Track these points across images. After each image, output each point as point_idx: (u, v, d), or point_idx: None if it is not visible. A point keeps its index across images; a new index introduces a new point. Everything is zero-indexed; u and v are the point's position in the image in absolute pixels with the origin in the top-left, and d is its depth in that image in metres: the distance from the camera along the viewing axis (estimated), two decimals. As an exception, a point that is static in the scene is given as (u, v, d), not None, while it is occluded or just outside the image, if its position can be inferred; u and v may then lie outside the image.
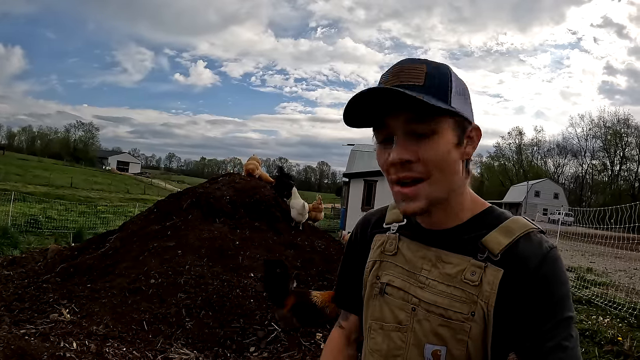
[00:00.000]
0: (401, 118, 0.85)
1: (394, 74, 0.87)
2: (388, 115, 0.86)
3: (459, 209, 0.93)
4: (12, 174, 35.53)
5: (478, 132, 0.93)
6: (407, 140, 0.85)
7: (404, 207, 0.88)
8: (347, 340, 1.17)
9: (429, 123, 0.84)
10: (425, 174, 0.85)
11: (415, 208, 0.87)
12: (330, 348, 1.19)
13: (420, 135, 0.85)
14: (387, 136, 0.88)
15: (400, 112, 0.84)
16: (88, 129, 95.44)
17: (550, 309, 0.82)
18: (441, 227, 0.94)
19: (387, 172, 0.89)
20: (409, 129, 0.85)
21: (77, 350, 3.30)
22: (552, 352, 0.79)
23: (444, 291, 0.88)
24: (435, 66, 0.87)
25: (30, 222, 13.62)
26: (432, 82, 0.84)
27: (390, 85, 0.84)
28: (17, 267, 6.05)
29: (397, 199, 0.90)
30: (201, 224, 5.80)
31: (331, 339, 1.20)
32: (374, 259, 1.03)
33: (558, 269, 0.85)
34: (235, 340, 3.93)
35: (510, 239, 0.87)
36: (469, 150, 0.91)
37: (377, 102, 0.84)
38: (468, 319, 0.85)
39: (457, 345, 0.85)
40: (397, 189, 0.88)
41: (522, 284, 0.83)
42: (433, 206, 0.88)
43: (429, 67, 0.86)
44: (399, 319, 0.94)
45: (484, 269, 0.86)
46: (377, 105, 0.85)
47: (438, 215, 0.92)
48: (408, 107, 0.83)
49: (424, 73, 0.85)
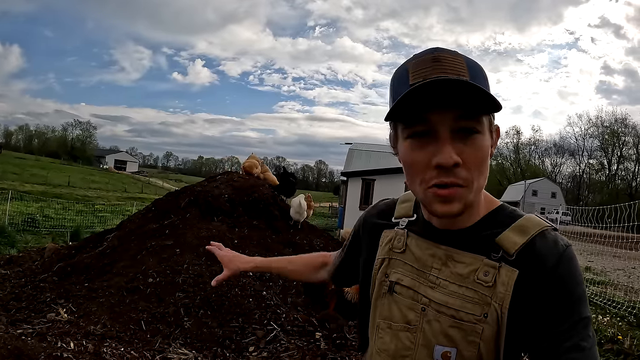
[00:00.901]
0: (450, 114, 0.77)
1: (432, 62, 0.79)
2: (433, 110, 0.78)
3: (476, 208, 0.89)
4: (9, 172, 35.38)
5: (498, 132, 0.89)
6: (454, 139, 0.79)
7: (441, 209, 0.82)
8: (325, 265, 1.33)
9: (477, 121, 0.80)
10: (467, 181, 0.80)
11: (454, 210, 0.81)
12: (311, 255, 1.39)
13: (468, 134, 0.79)
14: (422, 132, 0.80)
15: (451, 106, 0.77)
16: (85, 127, 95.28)
17: (567, 309, 0.79)
18: (456, 227, 0.89)
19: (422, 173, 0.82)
20: (458, 126, 0.78)
21: (74, 351, 3.26)
22: (569, 353, 0.77)
23: (456, 292, 0.85)
24: (469, 59, 0.82)
25: (28, 221, 13.57)
26: (475, 75, 0.78)
27: (433, 77, 0.76)
28: (14, 266, 6.02)
29: (432, 200, 0.82)
30: (199, 223, 5.77)
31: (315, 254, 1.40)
32: (382, 256, 1.00)
33: (574, 268, 0.82)
34: (234, 339, 3.90)
35: (525, 237, 0.83)
36: (492, 152, 0.87)
37: (420, 94, 0.76)
38: (480, 321, 0.82)
39: (468, 347, 0.83)
40: (433, 190, 0.80)
41: (539, 283, 0.81)
42: (466, 209, 0.83)
43: (465, 58, 0.81)
44: (408, 319, 0.91)
45: (498, 269, 0.82)
46: (419, 99, 0.77)
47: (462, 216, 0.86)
48: (459, 102, 0.76)
49: (465, 65, 0.79)
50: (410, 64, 0.82)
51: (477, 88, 0.74)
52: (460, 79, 0.75)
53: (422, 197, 0.86)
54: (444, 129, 0.78)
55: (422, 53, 0.83)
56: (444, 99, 0.76)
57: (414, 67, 0.81)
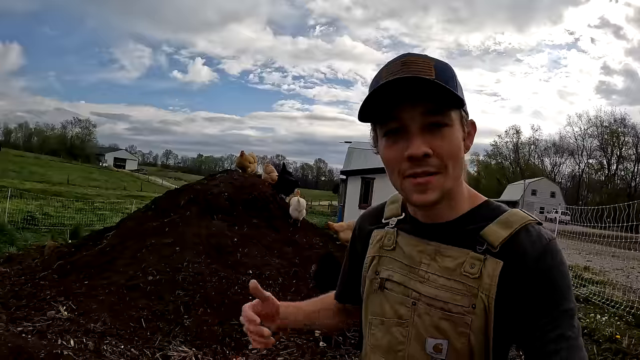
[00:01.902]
0: (418, 109, 0.83)
1: (401, 65, 0.84)
2: (400, 107, 0.84)
3: (458, 201, 0.93)
4: (9, 170, 35.35)
5: (474, 126, 0.95)
6: (424, 133, 0.84)
7: (417, 198, 0.86)
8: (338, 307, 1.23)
9: (445, 115, 0.84)
10: (440, 167, 0.84)
11: (430, 199, 0.85)
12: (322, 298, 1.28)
13: (437, 127, 0.84)
14: (396, 128, 0.86)
15: (418, 103, 0.82)
16: (85, 125, 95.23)
17: (551, 301, 0.82)
18: (440, 220, 0.93)
19: (398, 166, 0.87)
20: (427, 121, 0.84)
21: (74, 348, 3.28)
22: (555, 343, 0.80)
23: (445, 285, 0.88)
24: (440, 61, 0.87)
25: (27, 219, 13.55)
26: (441, 76, 0.82)
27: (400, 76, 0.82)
28: (13, 264, 6.03)
29: (409, 190, 0.87)
30: (199, 221, 5.77)
31: (327, 295, 1.28)
32: (372, 254, 1.03)
33: (558, 260, 0.85)
34: (234, 337, 3.92)
35: (509, 231, 0.86)
36: (468, 144, 0.92)
37: (388, 93, 0.82)
38: (469, 312, 0.84)
39: (459, 338, 0.85)
40: (409, 180, 0.86)
41: (523, 275, 0.83)
42: (443, 198, 0.87)
43: (434, 61, 0.85)
44: (400, 314, 0.93)
45: (484, 261, 0.85)
46: (388, 97, 0.83)
47: (441, 207, 0.90)
48: (426, 98, 0.81)
49: (433, 66, 0.83)
50: (384, 68, 0.88)
51: (439, 85, 0.79)
52: (424, 77, 0.80)
53: (400, 190, 0.91)
54: (414, 125, 0.84)
55: (395, 59, 0.88)
56: (411, 96, 0.82)
57: (385, 71, 0.87)
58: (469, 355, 0.85)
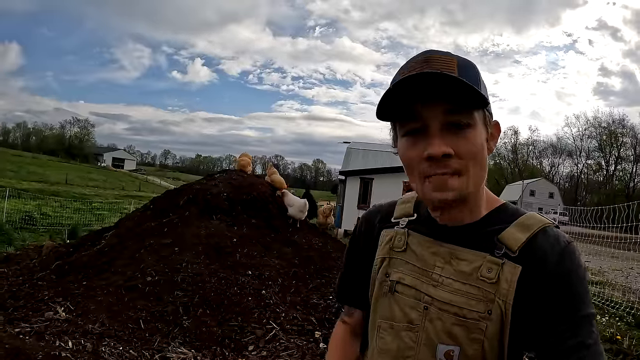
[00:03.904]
0: (439, 108, 0.80)
1: (422, 62, 0.81)
2: (422, 105, 0.81)
3: (477, 204, 0.90)
4: (7, 170, 35.26)
5: (498, 127, 0.92)
6: (445, 132, 0.81)
7: (435, 196, 0.83)
8: (353, 335, 1.13)
9: (468, 115, 0.82)
10: (461, 170, 0.82)
11: (449, 197, 0.82)
12: (336, 343, 1.16)
13: (459, 127, 0.81)
14: (416, 128, 0.83)
15: (439, 101, 0.80)
16: (83, 125, 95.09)
17: (570, 306, 0.80)
18: (458, 222, 0.90)
19: (417, 167, 0.84)
20: (448, 121, 0.81)
21: (72, 350, 3.25)
22: (574, 350, 0.77)
23: (460, 289, 0.85)
24: (463, 58, 0.84)
25: (25, 218, 13.51)
26: (465, 73, 0.79)
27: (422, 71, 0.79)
28: (11, 264, 5.99)
29: (427, 191, 0.84)
30: (198, 221, 5.75)
31: (336, 334, 1.17)
32: (382, 255, 0.99)
33: (577, 263, 0.82)
34: (234, 338, 3.89)
35: (527, 234, 0.84)
36: (491, 146, 0.89)
37: (409, 91, 0.80)
38: (484, 318, 0.82)
39: (471, 345, 0.82)
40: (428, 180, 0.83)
41: (542, 280, 0.81)
42: (462, 199, 0.84)
43: (458, 58, 0.83)
44: (410, 318, 0.90)
45: (502, 265, 0.82)
46: (408, 94, 0.80)
47: (459, 210, 0.88)
48: (447, 96, 0.79)
49: (456, 64, 0.81)
50: (405, 65, 0.85)
51: (462, 82, 0.76)
52: (445, 73, 0.76)
53: (420, 190, 0.87)
54: (435, 124, 0.81)
55: (417, 55, 0.86)
56: (432, 93, 0.79)
57: (407, 68, 0.84)
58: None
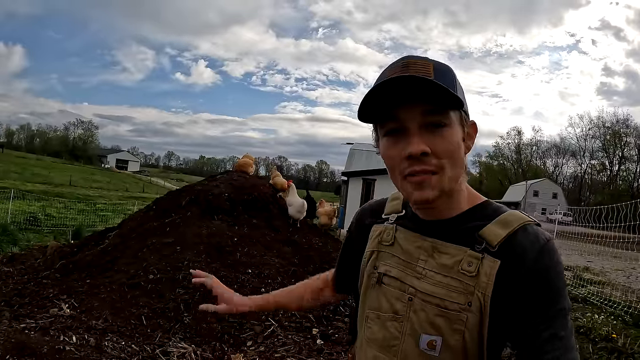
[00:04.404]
0: (417, 110, 0.85)
1: (401, 67, 0.86)
2: (400, 107, 0.86)
3: (457, 200, 0.94)
4: (11, 171, 35.47)
5: (474, 127, 0.96)
6: (423, 132, 0.86)
7: (416, 195, 0.88)
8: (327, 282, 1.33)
9: (444, 115, 0.86)
10: (438, 167, 0.86)
11: (429, 196, 0.87)
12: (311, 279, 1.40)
13: (436, 127, 0.86)
14: (395, 129, 0.88)
15: (417, 103, 0.84)
16: (87, 127, 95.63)
17: (546, 300, 0.83)
18: (439, 217, 0.95)
19: (397, 165, 0.89)
20: (426, 121, 0.86)
21: (76, 344, 3.34)
22: (548, 342, 0.81)
23: (441, 281, 0.90)
24: (439, 62, 0.89)
25: (30, 219, 13.66)
26: (440, 76, 0.84)
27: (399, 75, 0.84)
28: (16, 263, 6.09)
29: (408, 189, 0.89)
30: (200, 221, 5.83)
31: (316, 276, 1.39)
32: (371, 249, 1.05)
33: (555, 260, 0.86)
34: (233, 334, 3.97)
35: (507, 230, 0.88)
36: (469, 145, 0.94)
37: (388, 94, 0.85)
38: (465, 309, 0.86)
39: (453, 335, 0.86)
40: (409, 179, 0.88)
41: (519, 275, 0.84)
42: (442, 197, 0.89)
43: (434, 63, 0.88)
44: (395, 309, 0.95)
45: (481, 259, 0.87)
46: (388, 98, 0.85)
47: (440, 206, 0.92)
48: (424, 98, 0.83)
49: (432, 67, 0.86)
50: (385, 70, 0.91)
51: (437, 85, 0.81)
52: (421, 77, 0.82)
53: (401, 188, 0.93)
54: (413, 124, 0.86)
55: (397, 60, 0.91)
56: (410, 96, 0.84)
57: (387, 72, 0.89)
58: (462, 352, 0.87)
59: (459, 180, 0.91)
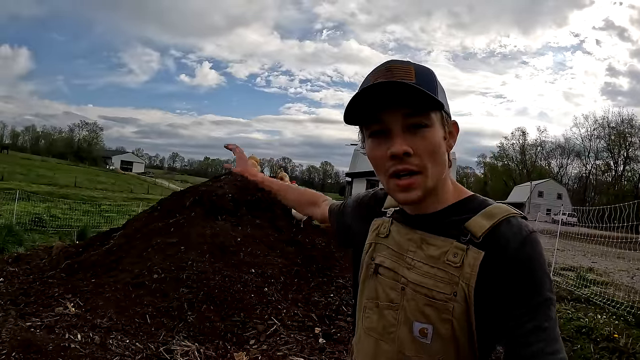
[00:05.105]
0: (399, 113, 0.90)
1: (384, 72, 0.91)
2: (384, 111, 0.91)
3: (443, 195, 0.99)
4: (16, 173, 35.69)
5: (456, 127, 1.02)
6: (406, 133, 0.91)
7: (403, 197, 0.94)
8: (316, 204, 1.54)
9: (425, 117, 0.91)
10: (420, 166, 0.91)
11: (414, 197, 0.93)
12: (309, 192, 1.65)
13: (417, 128, 0.91)
14: (379, 130, 0.93)
15: (399, 107, 0.89)
16: (92, 128, 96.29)
17: (529, 290, 0.86)
18: (425, 211, 1.00)
19: (382, 165, 0.94)
20: (407, 123, 0.91)
21: (81, 342, 3.39)
22: (532, 333, 0.83)
23: (428, 272, 0.94)
24: (421, 66, 0.94)
25: (35, 220, 13.73)
26: (422, 80, 0.89)
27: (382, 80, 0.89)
28: (22, 263, 6.13)
29: (394, 190, 0.95)
30: (203, 221, 5.87)
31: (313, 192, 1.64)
32: (370, 241, 1.11)
33: (537, 252, 0.88)
34: (236, 333, 4.01)
35: (491, 222, 0.91)
36: (451, 143, 0.99)
37: (372, 98, 0.90)
38: (451, 299, 0.89)
39: (443, 324, 0.90)
40: (394, 181, 0.93)
41: (502, 266, 0.87)
42: (427, 194, 0.94)
43: (415, 66, 0.93)
44: (391, 298, 1.00)
45: (466, 251, 0.90)
46: (371, 101, 0.90)
47: (425, 202, 0.97)
48: (406, 102, 0.88)
49: (413, 71, 0.91)
50: (370, 74, 0.96)
51: (418, 89, 0.86)
52: (402, 82, 0.87)
53: (386, 186, 0.98)
54: (396, 126, 0.91)
55: (380, 65, 0.96)
56: (392, 99, 0.89)
57: (371, 77, 0.95)
58: (453, 341, 0.90)
59: (442, 177, 0.96)
